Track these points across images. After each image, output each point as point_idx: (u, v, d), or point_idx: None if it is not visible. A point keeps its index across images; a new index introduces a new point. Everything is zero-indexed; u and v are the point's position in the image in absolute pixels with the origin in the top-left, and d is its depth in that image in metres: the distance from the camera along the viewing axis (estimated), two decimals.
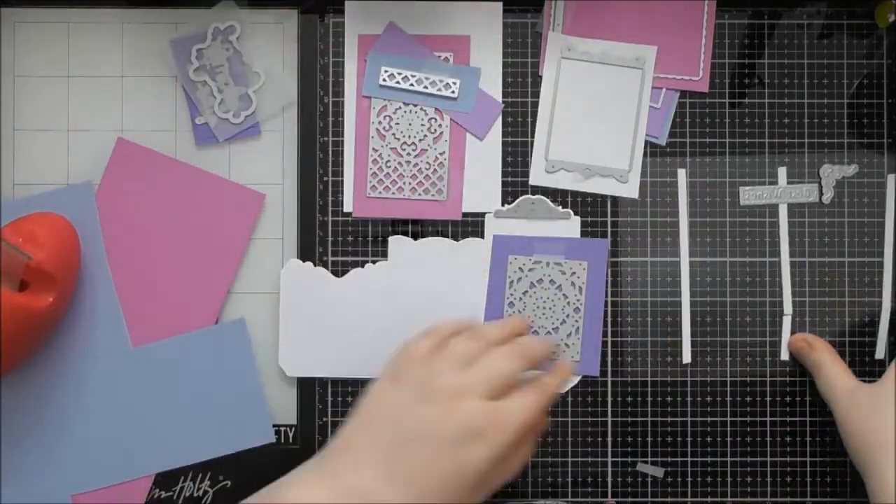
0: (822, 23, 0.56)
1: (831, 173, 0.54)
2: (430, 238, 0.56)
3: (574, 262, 0.55)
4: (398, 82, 0.56)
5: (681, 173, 0.56)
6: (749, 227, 0.56)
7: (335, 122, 0.56)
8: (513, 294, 0.55)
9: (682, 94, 0.56)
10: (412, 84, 0.56)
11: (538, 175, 0.56)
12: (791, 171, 0.56)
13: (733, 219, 0.56)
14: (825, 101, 0.56)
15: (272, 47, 0.56)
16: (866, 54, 0.56)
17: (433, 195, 0.56)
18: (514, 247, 0.56)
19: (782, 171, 0.56)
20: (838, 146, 0.56)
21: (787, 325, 0.56)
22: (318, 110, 0.56)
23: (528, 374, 0.48)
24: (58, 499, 0.54)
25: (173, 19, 0.56)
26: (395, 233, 0.56)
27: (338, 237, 0.56)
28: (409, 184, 0.56)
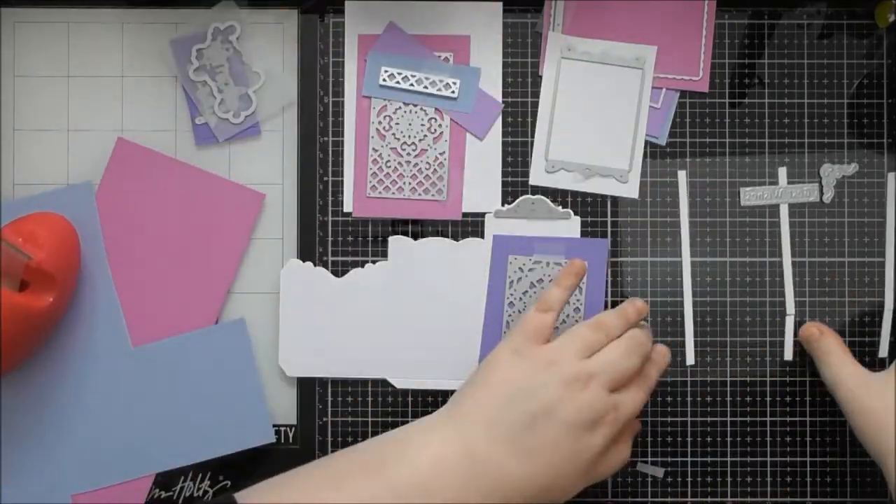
0: (822, 23, 0.56)
1: (831, 173, 0.54)
2: (430, 238, 0.56)
3: None
4: (398, 82, 0.56)
5: (681, 174, 0.56)
6: (749, 227, 0.56)
7: (335, 122, 0.56)
8: (513, 294, 0.55)
9: (682, 94, 0.56)
10: (412, 84, 0.56)
11: (538, 175, 0.56)
12: (791, 172, 0.56)
13: (733, 219, 0.56)
14: (825, 101, 0.56)
15: (272, 47, 0.56)
16: (866, 54, 0.56)
17: (433, 195, 0.56)
18: (514, 247, 0.56)
19: (782, 171, 0.56)
20: (838, 146, 0.56)
21: (790, 325, 0.56)
22: (318, 110, 0.56)
23: None
24: (58, 499, 0.54)
25: (173, 19, 0.56)
26: (395, 233, 0.56)
27: (338, 237, 0.56)
28: (409, 184, 0.56)
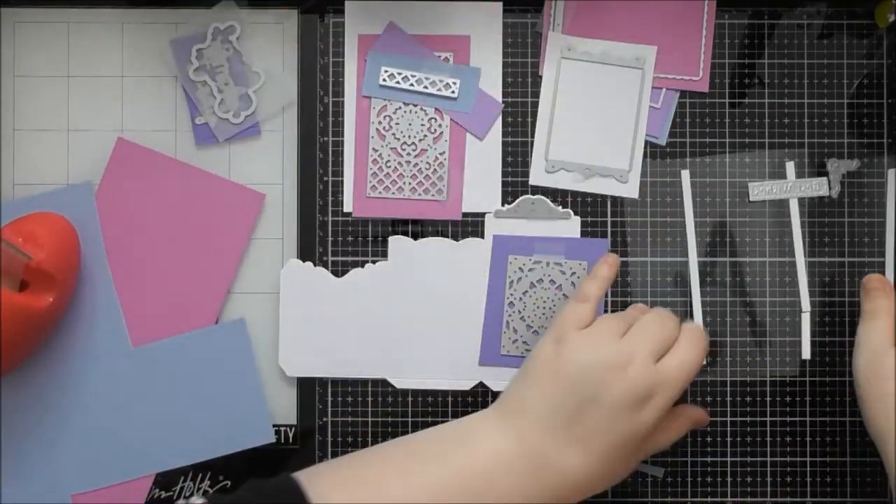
0: (822, 23, 0.56)
1: (837, 168, 0.54)
2: (430, 238, 0.56)
3: (574, 262, 0.55)
4: (398, 82, 0.56)
5: (684, 174, 0.56)
6: (749, 226, 0.56)
7: (335, 122, 0.56)
8: (513, 294, 0.55)
9: (682, 94, 0.56)
10: (412, 84, 0.56)
11: (538, 175, 0.56)
12: (798, 171, 0.56)
13: (733, 219, 0.56)
14: (825, 101, 0.56)
15: (272, 47, 0.56)
16: (866, 54, 0.56)
17: (433, 195, 0.56)
18: (514, 247, 0.56)
19: (790, 166, 0.55)
20: (838, 146, 0.56)
21: (807, 321, 0.55)
22: (318, 110, 0.56)
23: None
24: (58, 499, 0.54)
25: (173, 19, 0.56)
26: (395, 233, 0.56)
27: (338, 237, 0.56)
28: (409, 184, 0.56)
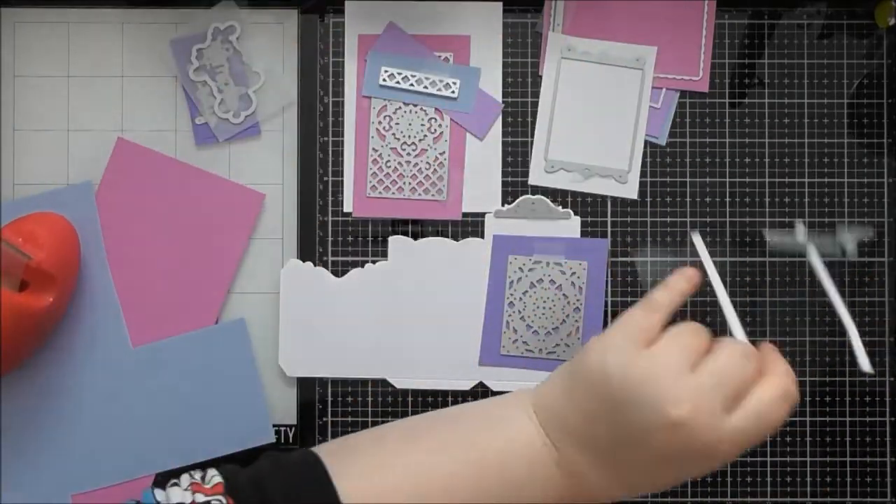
0: (822, 23, 0.56)
1: (850, 238, 0.54)
2: (430, 238, 0.56)
3: (574, 262, 0.55)
4: (398, 82, 0.56)
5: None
6: (749, 227, 0.56)
7: (335, 122, 0.56)
8: (513, 294, 0.55)
9: (682, 94, 0.56)
10: (412, 84, 0.56)
11: (538, 175, 0.56)
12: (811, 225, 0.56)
13: (733, 219, 0.56)
14: (825, 101, 0.56)
15: (272, 47, 0.56)
16: (866, 54, 0.56)
17: (433, 195, 0.56)
18: (514, 247, 0.56)
19: (800, 226, 0.55)
20: (838, 146, 0.56)
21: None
22: (318, 110, 0.56)
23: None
24: (58, 499, 0.54)
25: (173, 19, 0.56)
26: (395, 233, 0.56)
27: (338, 237, 0.56)
28: (409, 184, 0.56)
